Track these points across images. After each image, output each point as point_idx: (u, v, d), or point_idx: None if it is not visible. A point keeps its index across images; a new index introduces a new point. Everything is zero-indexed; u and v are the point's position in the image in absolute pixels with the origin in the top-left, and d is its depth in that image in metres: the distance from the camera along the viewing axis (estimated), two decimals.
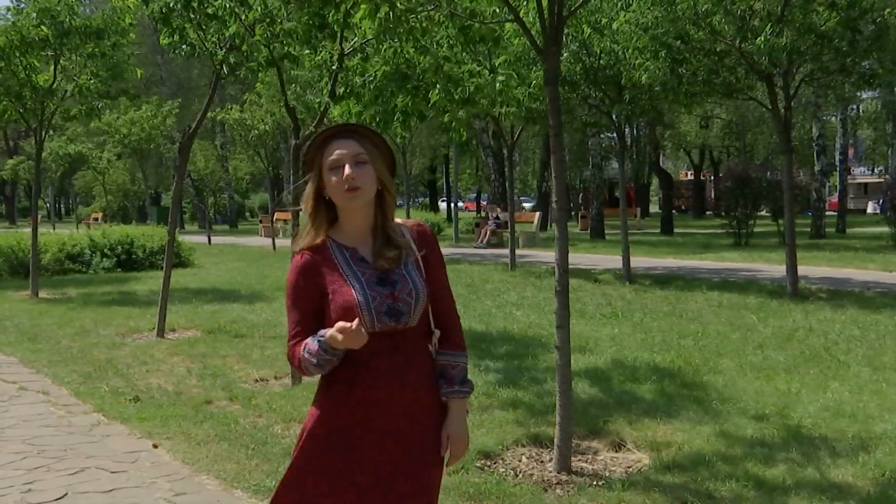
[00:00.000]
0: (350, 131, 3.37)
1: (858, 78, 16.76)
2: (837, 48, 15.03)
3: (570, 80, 17.86)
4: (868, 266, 22.12)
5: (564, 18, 6.59)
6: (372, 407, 3.27)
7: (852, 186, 61.42)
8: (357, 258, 3.35)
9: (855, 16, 14.80)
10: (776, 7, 14.87)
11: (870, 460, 6.49)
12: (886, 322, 12.85)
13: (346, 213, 3.36)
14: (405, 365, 3.31)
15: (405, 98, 10.04)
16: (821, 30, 14.76)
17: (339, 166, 3.28)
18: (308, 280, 3.32)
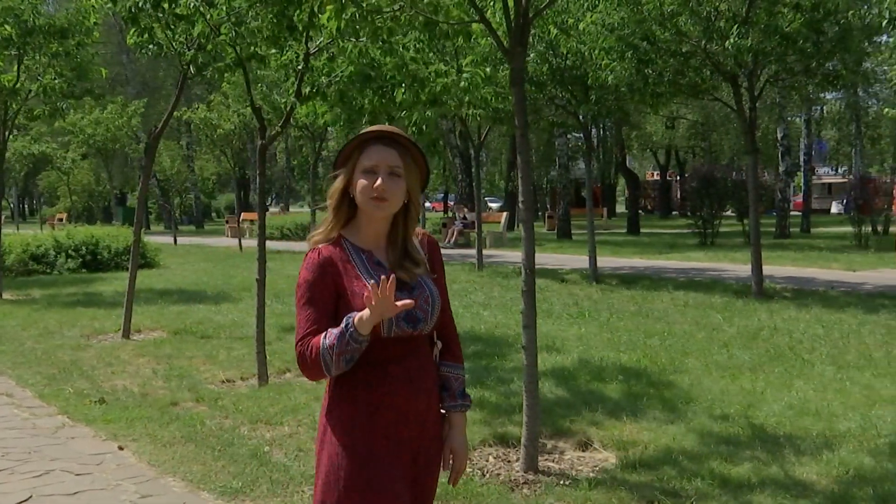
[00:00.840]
0: (393, 140, 3.25)
1: (822, 79, 16.91)
2: (802, 49, 15.16)
3: (537, 80, 17.91)
4: (832, 265, 22.29)
5: (531, 19, 6.61)
6: (388, 413, 3.20)
7: (816, 187, 61.83)
8: (373, 261, 3.27)
9: (819, 17, 14.93)
10: (741, 8, 14.97)
11: (834, 458, 6.54)
12: (850, 321, 12.96)
13: (366, 217, 3.27)
14: (419, 371, 3.27)
15: (371, 98, 10.03)
16: (785, 31, 14.87)
17: (373, 172, 3.19)
18: (326, 277, 3.20)
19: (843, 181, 55.86)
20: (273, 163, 61.96)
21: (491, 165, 66.88)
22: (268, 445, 7.19)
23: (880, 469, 6.33)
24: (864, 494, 5.82)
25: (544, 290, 16.83)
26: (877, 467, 6.36)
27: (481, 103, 16.07)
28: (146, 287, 18.06)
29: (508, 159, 50.14)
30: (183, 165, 42.57)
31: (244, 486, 6.22)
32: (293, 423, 7.81)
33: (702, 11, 15.03)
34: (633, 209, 44.34)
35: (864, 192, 30.36)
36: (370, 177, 3.18)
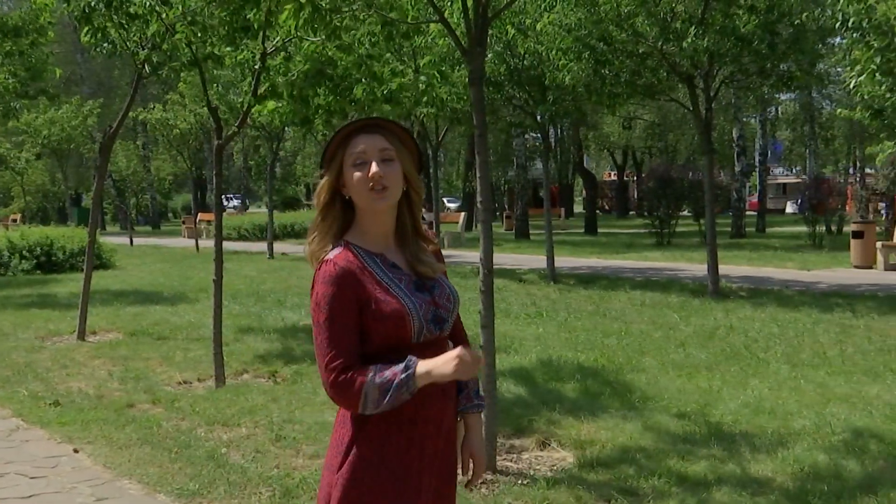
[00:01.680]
0: (375, 125, 3.02)
1: (777, 80, 17.07)
2: (757, 51, 15.28)
3: (495, 80, 17.93)
4: (787, 265, 22.51)
5: (489, 19, 6.62)
6: (423, 426, 2.95)
7: (771, 187, 62.37)
8: (388, 264, 3.01)
9: (774, 19, 15.07)
10: (697, 10, 15.07)
11: (789, 455, 6.60)
12: (805, 320, 13.09)
13: (369, 216, 3.01)
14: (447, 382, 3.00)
15: (327, 96, 9.99)
16: (741, 32, 14.99)
17: (364, 161, 2.95)
18: (346, 290, 2.88)
19: (798, 181, 56.42)
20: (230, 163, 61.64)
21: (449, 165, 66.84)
22: (225, 447, 7.14)
23: (834, 466, 6.39)
24: (819, 491, 5.87)
25: (502, 290, 16.86)
26: (831, 464, 6.43)
27: (438, 103, 16.08)
28: (102, 288, 17.90)
29: (466, 159, 50.11)
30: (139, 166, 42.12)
31: (201, 488, 6.18)
32: (250, 424, 7.77)
33: (658, 12, 15.12)
34: (591, 209, 44.52)
35: (819, 193, 30.71)
36: (362, 167, 2.95)
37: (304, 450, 6.97)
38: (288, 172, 63.08)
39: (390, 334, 2.90)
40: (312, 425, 7.60)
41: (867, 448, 6.82)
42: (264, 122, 22.55)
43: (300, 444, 7.13)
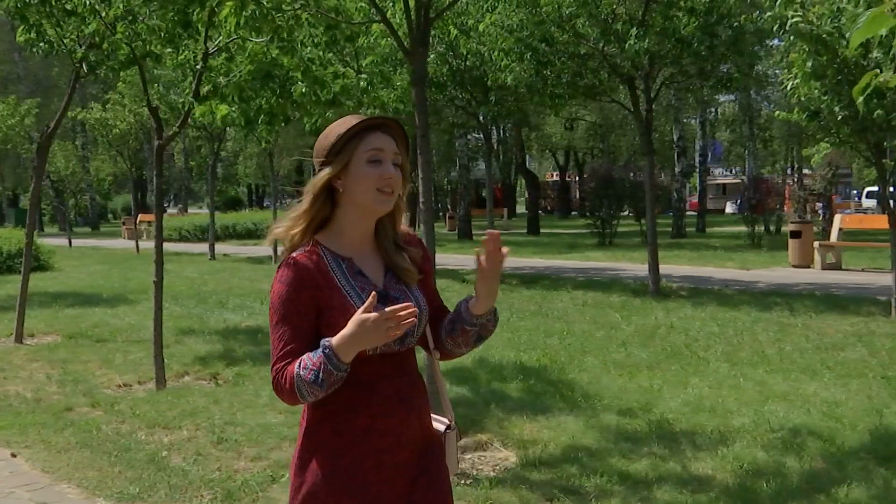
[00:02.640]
0: (390, 126, 2.92)
1: (716, 81, 17.25)
2: (696, 52, 15.42)
3: (437, 81, 17.96)
4: (727, 264, 22.75)
5: (431, 20, 6.62)
6: (380, 438, 2.84)
7: (711, 187, 63.03)
8: (354, 271, 2.89)
9: (713, 21, 15.22)
10: (638, 11, 15.19)
11: (728, 453, 6.67)
12: (744, 318, 13.23)
13: (354, 217, 2.90)
14: (410, 388, 2.93)
15: (270, 98, 9.94)
16: (680, 34, 15.13)
17: (379, 160, 2.84)
18: (303, 292, 2.79)
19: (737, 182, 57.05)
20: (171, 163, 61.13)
21: None
22: (166, 450, 7.08)
23: (773, 463, 6.47)
24: (758, 488, 5.94)
25: (445, 291, 16.83)
26: (770, 461, 6.51)
27: (379, 104, 16.04)
28: (40, 290, 17.66)
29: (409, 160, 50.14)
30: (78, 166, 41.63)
31: (141, 492, 6.11)
32: (191, 426, 7.70)
33: (599, 14, 15.22)
34: (533, 210, 44.70)
35: (757, 193, 31.07)
36: (377, 165, 2.83)
37: (246, 452, 6.93)
38: (230, 173, 62.61)
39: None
40: (254, 427, 7.55)
41: (805, 445, 6.90)
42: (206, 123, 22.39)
43: (242, 446, 7.09)
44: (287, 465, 6.52)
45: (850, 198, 62.27)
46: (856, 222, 25.55)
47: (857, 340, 11.40)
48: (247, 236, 39.43)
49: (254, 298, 16.60)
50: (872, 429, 7.35)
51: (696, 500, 5.78)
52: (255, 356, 10.70)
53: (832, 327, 12.41)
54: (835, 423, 7.56)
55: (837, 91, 12.16)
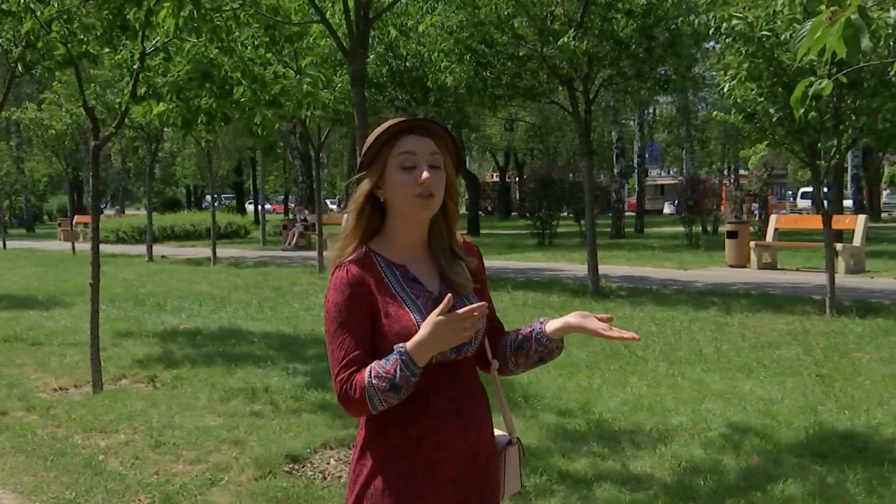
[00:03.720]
0: (424, 127, 2.80)
1: (654, 83, 17.39)
2: (634, 54, 15.55)
3: (377, 81, 17.94)
4: (665, 264, 22.96)
5: (371, 20, 6.62)
6: (433, 451, 2.72)
7: (650, 188, 63.65)
8: (408, 278, 2.80)
9: (650, 23, 15.35)
10: (576, 13, 15.27)
11: (667, 451, 6.73)
12: (682, 318, 13.36)
13: (403, 224, 2.81)
14: (467, 400, 2.80)
15: (209, 99, 9.88)
16: (619, 36, 15.23)
17: (412, 165, 2.73)
18: (360, 298, 2.70)
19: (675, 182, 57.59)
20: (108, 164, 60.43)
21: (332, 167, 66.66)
22: (103, 454, 7.00)
23: (710, 460, 6.54)
24: (696, 485, 6.00)
25: None
26: (707, 459, 6.58)
27: (321, 105, 16.02)
28: None
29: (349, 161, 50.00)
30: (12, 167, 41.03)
31: (78, 497, 6.04)
32: (129, 430, 7.62)
33: (537, 15, 15.28)
34: (473, 210, 44.79)
35: (695, 193, 31.37)
36: (410, 171, 2.72)
37: (185, 455, 6.87)
38: (168, 174, 62.06)
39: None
40: (193, 430, 7.49)
41: (742, 443, 6.99)
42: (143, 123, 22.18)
43: (180, 449, 7.02)
44: (226, 468, 6.49)
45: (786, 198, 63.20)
46: (791, 222, 25.91)
47: (793, 339, 11.56)
48: (185, 238, 39.07)
49: (192, 300, 16.47)
50: (808, 426, 7.46)
51: (635, 498, 5.83)
52: (193, 358, 10.61)
53: (768, 326, 12.57)
54: (771, 420, 7.66)
55: (773, 93, 12.34)
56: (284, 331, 12.76)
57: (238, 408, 8.29)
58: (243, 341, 11.88)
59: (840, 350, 10.83)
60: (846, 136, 13.13)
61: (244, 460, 6.65)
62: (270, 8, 8.66)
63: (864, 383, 9.07)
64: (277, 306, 15.57)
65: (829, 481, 6.10)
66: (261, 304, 15.80)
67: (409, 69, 17.97)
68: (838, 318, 12.90)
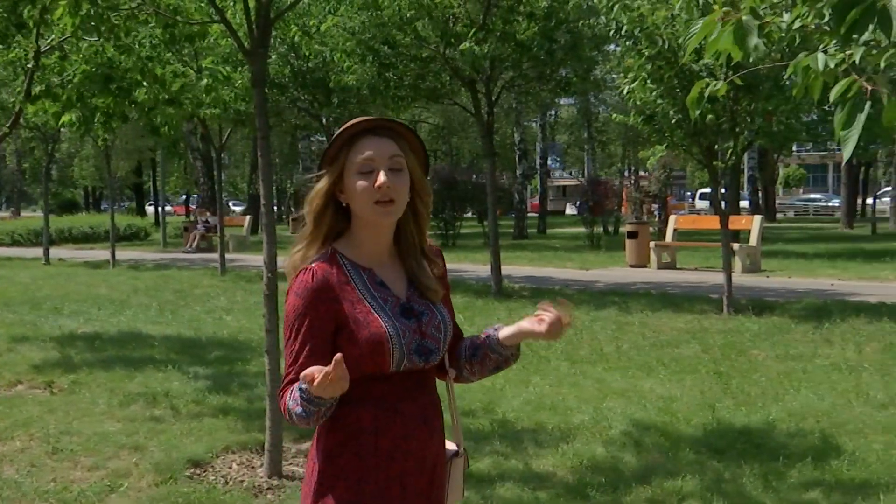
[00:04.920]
0: (385, 127, 2.67)
1: (555, 85, 17.56)
2: (536, 57, 15.66)
3: (279, 82, 17.82)
4: (567, 265, 23.20)
5: (272, 20, 6.56)
6: (404, 461, 2.66)
7: (552, 189, 64.21)
8: (376, 282, 2.69)
9: (552, 26, 15.47)
10: (478, 15, 15.34)
11: (569, 450, 6.80)
12: (583, 318, 13.50)
13: (367, 229, 2.68)
14: (432, 408, 2.76)
15: (106, 99, 9.70)
16: (520, 38, 15.34)
17: (370, 170, 2.61)
18: (320, 305, 2.58)
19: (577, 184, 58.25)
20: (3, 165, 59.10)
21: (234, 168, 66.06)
22: None
23: (611, 458, 6.63)
24: (597, 483, 6.07)
25: None
26: (608, 457, 6.66)
27: (221, 105, 15.85)
28: None
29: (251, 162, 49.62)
30: None
31: None
32: (25, 437, 7.45)
33: (440, 17, 15.31)
34: None
35: (596, 194, 31.75)
36: (368, 176, 2.61)
37: (83, 462, 6.74)
38: (65, 175, 60.92)
39: (367, 361, 2.58)
40: (91, 436, 7.35)
41: (642, 440, 7.10)
42: (39, 123, 21.73)
43: (78, 456, 6.89)
44: (125, 474, 6.38)
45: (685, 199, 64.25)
46: (689, 223, 26.42)
47: (691, 337, 11.77)
48: (83, 240, 38.32)
49: (91, 304, 16.16)
50: (706, 422, 7.61)
51: (538, 496, 5.88)
52: (92, 363, 10.42)
53: (667, 325, 12.77)
54: (670, 417, 7.79)
55: (672, 95, 12.54)
56: (185, 334, 12.60)
57: (138, 413, 8.16)
58: (143, 345, 11.70)
59: (737, 348, 11.06)
60: (742, 138, 13.40)
61: (144, 466, 6.56)
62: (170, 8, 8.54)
63: (760, 380, 9.27)
64: (178, 309, 15.36)
65: (727, 476, 6.22)
66: (161, 308, 15.57)
67: (312, 70, 17.88)
68: (735, 317, 13.16)
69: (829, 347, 10.98)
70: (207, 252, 30.47)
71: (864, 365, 9.92)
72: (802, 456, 6.63)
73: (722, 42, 3.04)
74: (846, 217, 41.91)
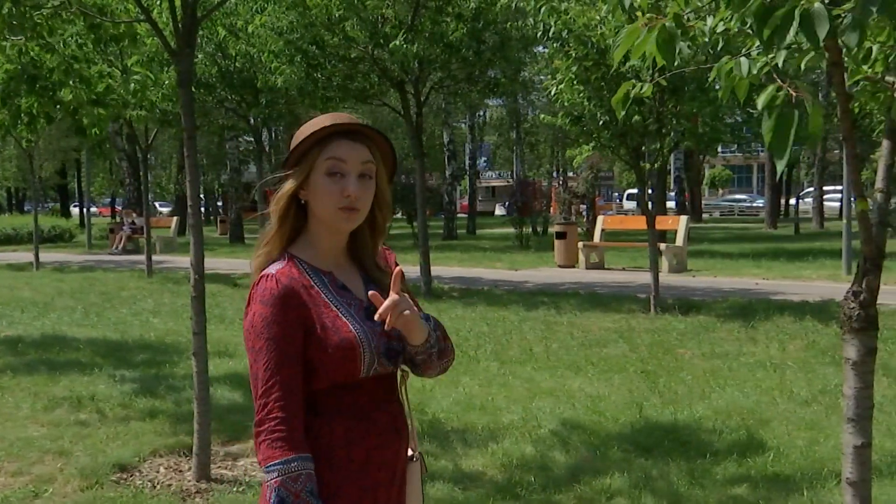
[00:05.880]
0: (360, 133, 2.58)
1: (484, 86, 17.62)
2: (464, 58, 15.71)
3: (206, 82, 17.67)
4: (496, 265, 23.29)
5: (199, 20, 6.50)
6: (377, 472, 2.57)
7: (481, 189, 64.43)
8: (337, 285, 2.59)
9: (480, 27, 15.53)
10: (407, 16, 15.35)
11: (498, 449, 6.83)
12: (512, 318, 13.56)
13: (325, 231, 2.59)
14: (401, 415, 2.69)
15: (30, 99, 9.54)
16: (449, 39, 15.37)
17: (341, 172, 2.51)
18: (290, 312, 2.46)
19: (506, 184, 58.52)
20: None
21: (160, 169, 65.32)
22: None
23: (540, 457, 6.67)
24: (527, 482, 6.10)
25: (217, 296, 16.60)
26: (538, 455, 6.70)
27: (148, 105, 15.67)
28: None
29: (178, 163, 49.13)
30: None
31: None
32: None
33: (368, 17, 15.29)
34: None
35: (525, 195, 31.94)
36: (337, 179, 2.52)
37: (6, 467, 6.62)
38: None
39: (338, 368, 2.49)
40: (15, 441, 7.23)
41: (570, 439, 7.15)
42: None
43: (1, 461, 6.77)
44: (50, 480, 6.29)
45: (612, 200, 64.89)
46: (617, 223, 26.63)
47: (619, 337, 11.87)
48: (6, 242, 37.64)
49: (14, 307, 15.87)
50: (633, 420, 7.69)
51: (468, 496, 5.89)
52: (15, 367, 10.24)
53: (595, 325, 12.87)
54: (598, 416, 7.86)
55: (599, 97, 12.64)
56: (111, 337, 12.43)
57: (63, 417, 8.04)
58: (68, 348, 11.52)
59: (664, 347, 11.18)
60: (668, 140, 13.57)
61: (69, 471, 6.46)
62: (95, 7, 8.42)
63: (687, 378, 9.39)
64: (104, 312, 15.15)
65: (654, 474, 6.29)
66: (86, 310, 15.35)
67: (239, 70, 17.77)
68: (662, 316, 13.31)
69: (754, 345, 11.15)
70: (134, 254, 30.11)
71: (788, 362, 10.09)
72: (728, 452, 6.73)
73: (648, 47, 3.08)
74: (770, 217, 42.60)
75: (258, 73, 17.43)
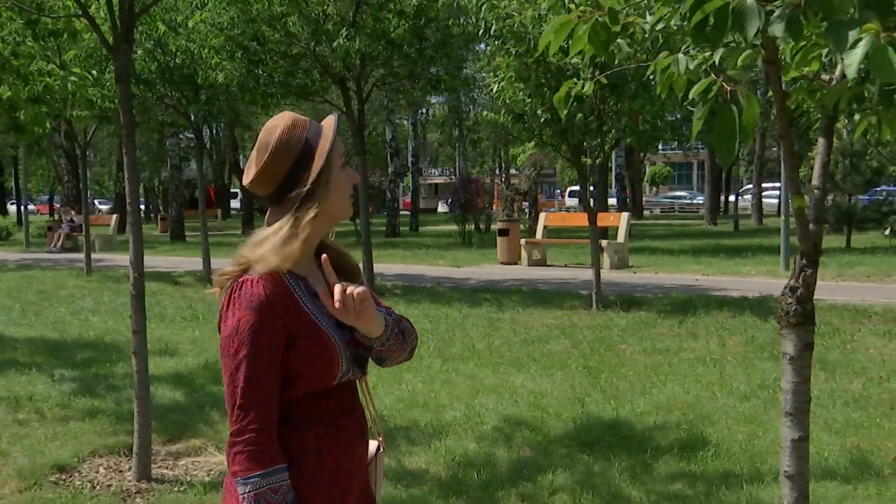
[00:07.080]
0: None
1: (426, 83, 17.60)
2: (406, 55, 15.69)
3: (145, 78, 17.46)
4: (439, 262, 23.29)
5: (137, 15, 6.44)
6: (345, 480, 2.52)
7: (424, 187, 64.48)
8: (310, 292, 2.51)
9: (422, 24, 15.51)
10: (349, 13, 15.30)
11: (441, 446, 6.84)
12: (455, 315, 13.58)
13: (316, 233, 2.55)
14: (364, 420, 2.64)
15: None
16: (391, 36, 15.34)
17: (347, 162, 2.52)
18: (278, 319, 2.39)
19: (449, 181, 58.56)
20: None
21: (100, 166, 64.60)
22: None
23: (483, 454, 6.69)
24: (470, 478, 6.12)
25: (157, 294, 16.45)
26: (480, 452, 6.72)
27: (87, 105, 15.47)
28: None
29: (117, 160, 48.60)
30: None
31: None
32: None
33: (310, 13, 15.22)
34: (248, 210, 44.32)
35: (468, 192, 31.96)
36: (347, 170, 2.53)
37: None
38: None
39: (317, 377, 2.44)
40: None
41: (513, 435, 7.18)
42: None
43: None
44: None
45: (555, 197, 65.16)
46: (559, 220, 26.76)
47: (561, 333, 11.93)
48: None
49: None
50: (576, 417, 7.73)
51: (411, 494, 5.89)
52: None
53: (538, 321, 12.93)
54: (541, 412, 7.90)
55: (540, 94, 12.68)
56: (50, 336, 12.27)
57: (0, 417, 7.93)
58: (5, 348, 11.36)
59: (606, 343, 11.25)
60: (609, 137, 13.65)
61: (7, 472, 6.37)
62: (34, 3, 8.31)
63: (628, 374, 9.46)
64: (42, 311, 14.95)
65: (596, 470, 6.33)
66: (24, 309, 15.14)
67: (179, 66, 17.58)
68: (604, 312, 13.40)
69: (694, 341, 11.26)
70: (73, 252, 29.73)
71: (728, 357, 10.20)
72: (669, 448, 6.80)
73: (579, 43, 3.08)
74: (710, 214, 43.07)
75: (199, 70, 17.24)
